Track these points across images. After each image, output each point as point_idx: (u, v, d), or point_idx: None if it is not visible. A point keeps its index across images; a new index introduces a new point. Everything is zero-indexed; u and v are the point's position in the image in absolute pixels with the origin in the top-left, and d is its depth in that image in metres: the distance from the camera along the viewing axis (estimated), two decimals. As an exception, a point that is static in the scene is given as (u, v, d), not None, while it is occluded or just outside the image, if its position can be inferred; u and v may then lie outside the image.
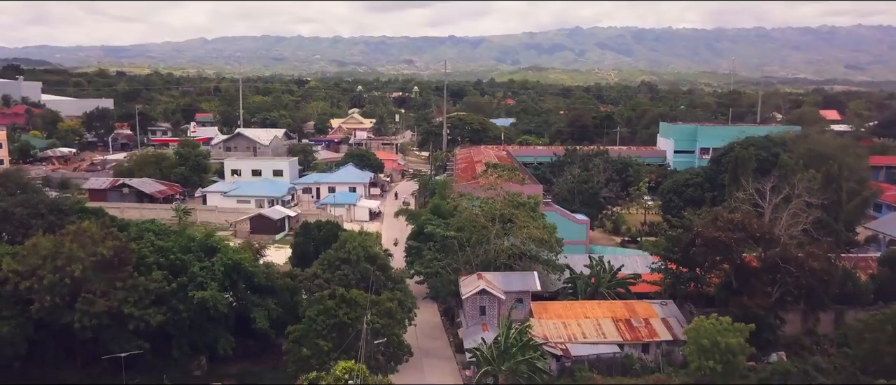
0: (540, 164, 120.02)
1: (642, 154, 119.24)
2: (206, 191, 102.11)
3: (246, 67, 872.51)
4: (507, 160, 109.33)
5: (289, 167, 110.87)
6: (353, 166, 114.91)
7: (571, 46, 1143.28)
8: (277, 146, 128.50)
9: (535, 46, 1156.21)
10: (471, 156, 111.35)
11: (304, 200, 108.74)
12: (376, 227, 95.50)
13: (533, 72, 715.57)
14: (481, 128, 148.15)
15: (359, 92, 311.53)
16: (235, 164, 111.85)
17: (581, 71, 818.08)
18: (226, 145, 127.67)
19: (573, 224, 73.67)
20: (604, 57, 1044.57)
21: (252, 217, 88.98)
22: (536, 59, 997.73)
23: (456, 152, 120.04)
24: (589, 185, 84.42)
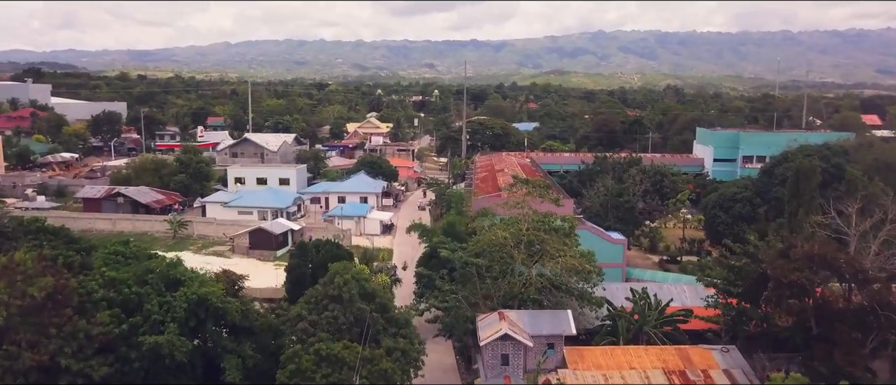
0: (566, 172, 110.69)
1: (678, 162, 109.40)
2: (204, 201, 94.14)
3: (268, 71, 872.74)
4: (531, 169, 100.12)
5: (296, 175, 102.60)
6: (364, 174, 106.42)
7: (594, 50, 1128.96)
8: (286, 152, 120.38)
9: (558, 50, 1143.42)
10: (492, 164, 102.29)
11: (313, 211, 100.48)
12: (388, 242, 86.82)
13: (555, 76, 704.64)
14: (503, 133, 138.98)
15: (377, 96, 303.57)
16: (239, 172, 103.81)
17: (604, 75, 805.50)
18: (232, 151, 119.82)
19: (608, 244, 64.34)
20: (627, 61, 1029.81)
21: (251, 231, 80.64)
22: (558, 62, 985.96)
23: (476, 159, 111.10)
24: (625, 198, 74.88)
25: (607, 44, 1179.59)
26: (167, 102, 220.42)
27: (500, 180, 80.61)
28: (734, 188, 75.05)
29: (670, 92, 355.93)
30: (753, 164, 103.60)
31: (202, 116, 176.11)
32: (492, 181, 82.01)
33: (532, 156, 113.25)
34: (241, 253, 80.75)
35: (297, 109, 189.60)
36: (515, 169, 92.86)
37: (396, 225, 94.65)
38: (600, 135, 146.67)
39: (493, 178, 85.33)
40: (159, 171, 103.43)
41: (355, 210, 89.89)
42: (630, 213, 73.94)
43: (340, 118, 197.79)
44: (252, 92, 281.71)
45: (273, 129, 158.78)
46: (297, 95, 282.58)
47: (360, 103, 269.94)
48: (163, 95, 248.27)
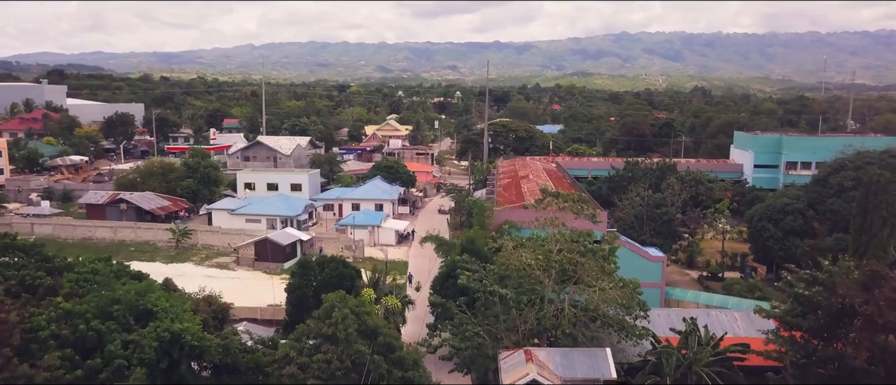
0: (595, 178, 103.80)
1: (714, 168, 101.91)
2: (211, 208, 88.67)
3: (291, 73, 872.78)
4: (558, 175, 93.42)
5: (309, 181, 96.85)
6: (380, 180, 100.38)
7: (618, 52, 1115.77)
8: (300, 156, 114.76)
9: (581, 52, 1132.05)
10: (515, 169, 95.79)
11: (326, 219, 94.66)
12: (404, 253, 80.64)
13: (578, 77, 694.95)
14: (527, 135, 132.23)
15: (398, 97, 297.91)
16: (248, 177, 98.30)
17: (628, 77, 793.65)
18: (244, 155, 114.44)
19: (646, 262, 57.53)
20: (651, 62, 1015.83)
21: (257, 241, 74.85)
22: (582, 64, 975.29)
23: (498, 164, 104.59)
24: (662, 209, 67.88)
25: (631, 45, 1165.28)
26: (185, 104, 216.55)
27: (525, 188, 74.14)
28: (784, 198, 67.69)
29: (698, 93, 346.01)
30: (798, 171, 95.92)
31: (218, 118, 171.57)
32: (516, 189, 75.47)
33: (558, 160, 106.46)
34: (246, 265, 75.07)
35: (316, 111, 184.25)
36: (540, 175, 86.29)
37: (413, 234, 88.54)
38: (629, 138, 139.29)
39: (516, 185, 78.79)
40: (166, 176, 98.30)
41: (369, 219, 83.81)
42: (668, 225, 66.97)
43: (359, 120, 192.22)
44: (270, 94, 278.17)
45: (290, 131, 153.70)
46: (317, 97, 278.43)
47: (381, 105, 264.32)
48: (181, 97, 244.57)
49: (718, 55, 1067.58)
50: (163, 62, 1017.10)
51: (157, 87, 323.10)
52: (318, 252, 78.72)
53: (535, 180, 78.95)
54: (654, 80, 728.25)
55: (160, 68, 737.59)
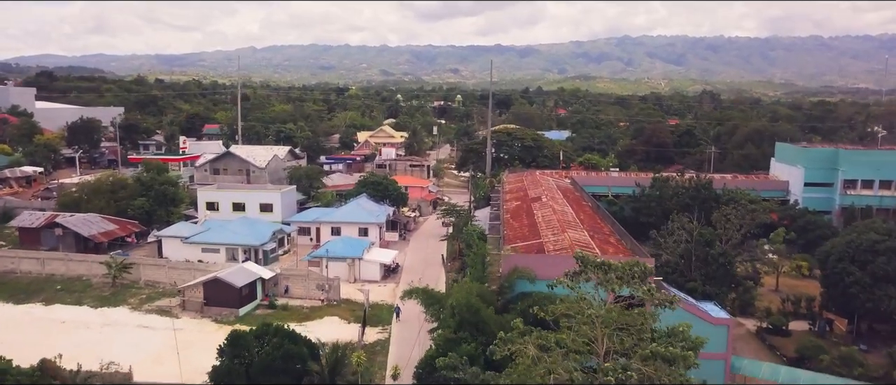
0: (615, 196, 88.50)
1: (755, 185, 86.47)
2: (160, 234, 73.21)
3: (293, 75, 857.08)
4: (575, 194, 78.04)
5: (281, 200, 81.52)
6: (366, 199, 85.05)
7: (620, 55, 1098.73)
8: (277, 169, 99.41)
9: (583, 55, 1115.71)
10: (524, 186, 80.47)
11: (302, 245, 79.43)
12: (390, 292, 65.31)
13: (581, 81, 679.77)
14: (534, 145, 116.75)
15: (396, 101, 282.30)
16: (211, 196, 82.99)
17: (630, 80, 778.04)
18: (213, 167, 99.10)
19: (707, 325, 42.15)
20: (653, 66, 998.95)
21: (206, 282, 59.51)
22: (584, 67, 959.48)
23: (503, 179, 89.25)
24: (718, 250, 52.40)
25: (633, 49, 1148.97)
26: (169, 107, 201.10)
27: (539, 216, 58.81)
28: (871, 233, 52.20)
29: (706, 97, 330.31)
30: (857, 190, 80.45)
31: (198, 124, 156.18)
32: (527, 217, 60.00)
33: (572, 175, 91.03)
34: (193, 310, 59.75)
35: (304, 116, 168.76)
36: (554, 196, 70.95)
37: (402, 266, 73.20)
38: (647, 148, 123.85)
39: (527, 210, 63.35)
40: (116, 194, 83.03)
41: (348, 249, 68.38)
42: (724, 269, 51.42)
43: (352, 126, 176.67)
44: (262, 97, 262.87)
45: (275, 138, 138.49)
46: (313, 100, 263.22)
47: (377, 109, 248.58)
48: (166, 100, 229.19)
49: (720, 59, 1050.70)
50: (164, 64, 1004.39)
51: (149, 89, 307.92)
52: (285, 292, 63.56)
53: (550, 203, 63.62)
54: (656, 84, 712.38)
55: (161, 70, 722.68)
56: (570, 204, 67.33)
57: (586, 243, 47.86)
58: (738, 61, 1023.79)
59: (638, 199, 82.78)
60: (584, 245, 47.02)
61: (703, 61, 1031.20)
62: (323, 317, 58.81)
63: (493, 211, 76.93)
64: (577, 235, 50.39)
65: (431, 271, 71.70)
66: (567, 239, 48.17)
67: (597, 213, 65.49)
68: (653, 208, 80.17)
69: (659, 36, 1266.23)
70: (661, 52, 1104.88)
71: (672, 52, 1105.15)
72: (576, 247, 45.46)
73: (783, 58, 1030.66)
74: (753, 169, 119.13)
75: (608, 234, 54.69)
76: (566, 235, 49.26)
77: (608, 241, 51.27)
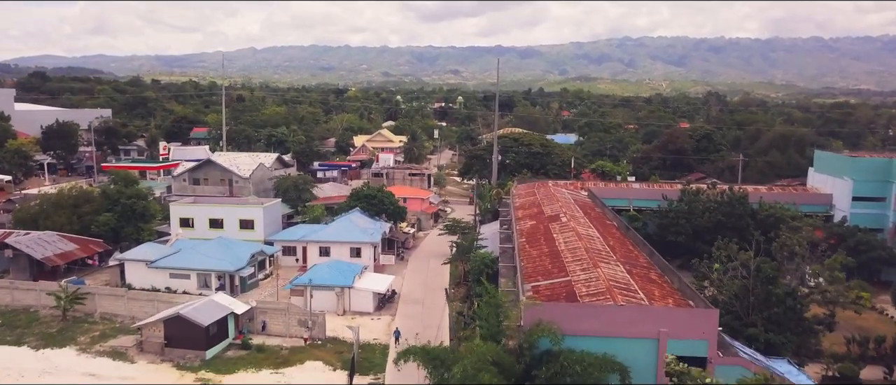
0: (638, 211, 78.87)
1: (795, 199, 76.78)
2: (123, 258, 63.57)
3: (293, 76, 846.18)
4: (595, 210, 68.47)
5: (264, 216, 71.87)
6: (360, 213, 75.44)
7: (620, 56, 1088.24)
8: (262, 178, 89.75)
9: (584, 56, 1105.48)
10: (537, 199, 70.84)
11: (287, 267, 69.91)
12: (385, 327, 55.75)
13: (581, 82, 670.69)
14: (543, 151, 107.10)
15: (396, 102, 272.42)
16: (185, 211, 73.31)
17: (631, 81, 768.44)
18: (193, 177, 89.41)
19: (786, 397, 32.72)
20: (654, 67, 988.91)
21: (167, 320, 49.96)
22: (585, 69, 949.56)
23: (513, 191, 79.61)
24: (782, 289, 42.75)
25: (634, 50, 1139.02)
26: (159, 109, 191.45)
27: (560, 241, 49.25)
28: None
29: (712, 99, 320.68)
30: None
31: (187, 127, 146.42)
32: (546, 243, 50.31)
33: (589, 187, 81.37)
34: (153, 352, 50.28)
35: (298, 119, 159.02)
36: (573, 212, 61.39)
37: (400, 294, 63.63)
38: (665, 154, 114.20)
39: (545, 232, 53.70)
40: (79, 208, 73.49)
41: (336, 277, 58.74)
42: (793, 312, 41.78)
43: (349, 129, 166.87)
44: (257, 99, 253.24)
45: (265, 143, 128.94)
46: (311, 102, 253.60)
47: (376, 111, 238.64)
48: (158, 102, 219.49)
49: (721, 60, 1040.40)
50: (164, 65, 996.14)
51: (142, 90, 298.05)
52: (262, 328, 54.02)
53: (571, 224, 54.00)
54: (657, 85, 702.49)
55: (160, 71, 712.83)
56: (594, 224, 57.75)
57: (625, 284, 38.30)
58: (739, 62, 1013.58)
59: (664, 214, 73.24)
60: (624, 286, 37.46)
61: (704, 62, 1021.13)
62: (304, 361, 49.30)
63: (504, 230, 67.24)
64: (611, 271, 40.83)
65: (433, 299, 62.24)
66: (601, 277, 38.61)
67: (626, 235, 55.88)
68: (682, 226, 70.68)
69: (659, 37, 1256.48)
70: (662, 54, 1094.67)
71: (673, 53, 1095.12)
72: (614, 290, 35.94)
73: (784, 59, 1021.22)
74: (778, 177, 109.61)
75: (647, 266, 45.09)
76: (599, 271, 39.70)
77: (649, 278, 41.68)
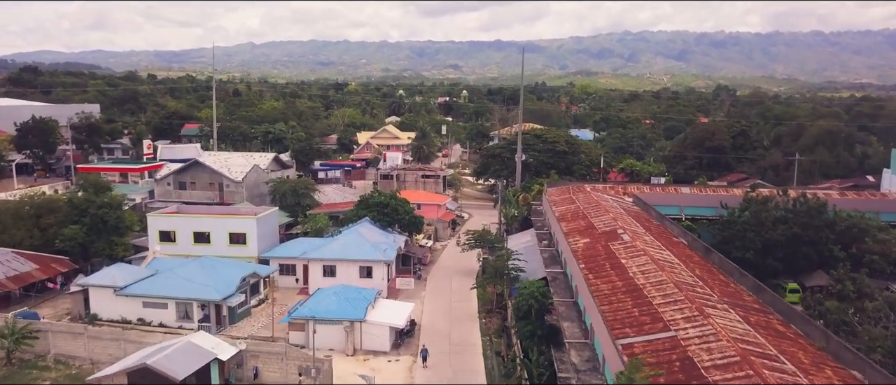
0: (692, 219, 67.64)
1: (871, 206, 65.57)
2: (86, 283, 52.13)
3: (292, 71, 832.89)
4: (645, 218, 57.24)
5: (257, 228, 60.41)
6: (369, 224, 64.06)
7: (620, 51, 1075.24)
8: (257, 182, 78.27)
9: (584, 51, 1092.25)
10: (578, 207, 59.53)
11: (284, 289, 58.68)
12: (406, 371, 44.48)
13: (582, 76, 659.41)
14: (569, 149, 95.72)
15: (399, 97, 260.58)
16: (165, 222, 61.79)
17: (631, 76, 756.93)
18: (178, 180, 77.89)
19: None
20: (654, 61, 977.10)
21: (132, 371, 38.72)
22: (585, 63, 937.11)
23: (547, 198, 68.35)
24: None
25: (634, 44, 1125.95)
26: (151, 104, 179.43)
27: (633, 269, 38.08)
28: None
29: (723, 93, 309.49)
30: None
31: (177, 123, 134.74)
32: (615, 271, 38.93)
33: (634, 192, 70.07)
34: (114, 411, 39.00)
35: (297, 114, 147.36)
36: (630, 225, 50.14)
37: (419, 323, 52.37)
38: (701, 152, 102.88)
39: (610, 257, 42.34)
40: (41, 219, 62.12)
41: (344, 308, 47.44)
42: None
43: (351, 125, 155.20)
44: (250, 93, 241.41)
45: (261, 140, 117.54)
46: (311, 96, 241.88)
47: (378, 106, 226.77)
48: (151, 96, 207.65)
49: (721, 54, 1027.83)
50: (162, 60, 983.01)
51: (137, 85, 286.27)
52: (253, 376, 42.89)
53: (639, 245, 42.77)
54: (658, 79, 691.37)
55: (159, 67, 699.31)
56: (661, 242, 46.57)
57: (756, 343, 27.08)
58: (740, 57, 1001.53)
59: (727, 225, 61.95)
60: (758, 350, 26.23)
61: (705, 57, 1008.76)
62: (307, 424, 38.19)
63: (546, 247, 55.87)
64: (725, 320, 29.64)
65: (462, 333, 50.98)
66: (719, 332, 27.38)
67: (708, 258, 44.66)
68: (750, 239, 59.35)
69: (660, 31, 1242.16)
70: (663, 48, 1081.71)
71: (673, 47, 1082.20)
72: (752, 358, 24.70)
73: (785, 53, 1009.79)
74: (825, 177, 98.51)
75: (761, 309, 33.83)
76: (712, 323, 28.47)
77: (775, 329, 30.43)
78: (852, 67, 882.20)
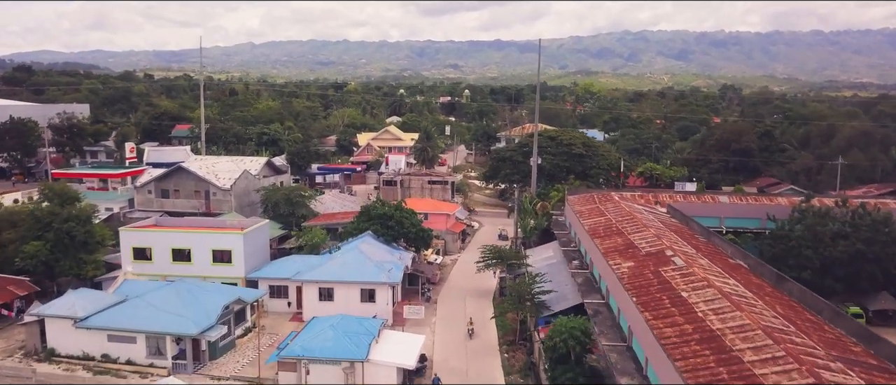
0: (734, 232, 60.14)
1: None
2: (43, 312, 44.41)
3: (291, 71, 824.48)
4: (686, 232, 49.64)
5: (244, 245, 52.68)
6: (371, 238, 56.40)
7: (620, 51, 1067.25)
8: (247, 190, 70.58)
9: (584, 50, 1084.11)
10: (609, 218, 51.87)
11: (275, 314, 51.08)
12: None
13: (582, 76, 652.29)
14: (586, 152, 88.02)
15: (400, 96, 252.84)
16: (140, 238, 54.07)
17: (631, 75, 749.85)
18: (160, 188, 70.20)
19: None
20: (654, 61, 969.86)
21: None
22: (584, 63, 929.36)
23: (571, 207, 60.75)
24: None
25: (633, 44, 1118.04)
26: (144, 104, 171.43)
27: (700, 307, 30.44)
28: None
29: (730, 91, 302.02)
30: None
31: (167, 125, 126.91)
32: (683, 313, 31.25)
33: (667, 202, 62.44)
34: None
35: (294, 114, 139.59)
36: (678, 243, 42.49)
37: (431, 357, 44.71)
38: (727, 155, 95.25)
39: (670, 292, 34.61)
40: (1, 235, 54.47)
41: (343, 345, 39.78)
42: None
43: (351, 126, 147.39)
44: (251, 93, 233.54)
45: (256, 142, 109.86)
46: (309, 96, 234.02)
47: (379, 106, 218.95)
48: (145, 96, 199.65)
49: (721, 54, 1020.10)
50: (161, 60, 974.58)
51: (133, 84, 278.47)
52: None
53: (700, 273, 35.14)
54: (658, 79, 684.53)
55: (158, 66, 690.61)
56: (718, 265, 38.97)
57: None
58: (740, 56, 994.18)
59: (776, 239, 54.35)
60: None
61: (705, 56, 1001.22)
62: None
63: (578, 268, 48.22)
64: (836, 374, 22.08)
65: (481, 370, 43.30)
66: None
67: (780, 288, 37.00)
68: (806, 257, 51.76)
69: (659, 31, 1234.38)
70: (662, 47, 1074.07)
71: (673, 47, 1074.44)
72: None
73: (785, 53, 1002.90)
74: (860, 181, 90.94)
75: (876, 364, 26.23)
76: None
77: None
78: (852, 67, 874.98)
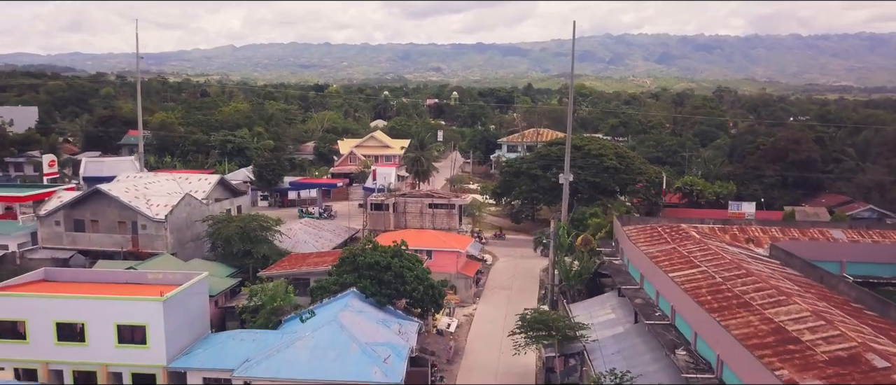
0: (863, 282, 42.36)
1: None
2: None
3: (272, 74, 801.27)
4: (829, 293, 31.97)
5: (164, 317, 34.16)
6: (357, 298, 38.19)
7: (602, 54, 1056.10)
8: (189, 221, 51.89)
9: (566, 54, 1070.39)
10: (706, 272, 34.11)
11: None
12: None
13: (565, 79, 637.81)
14: (621, 165, 70.42)
15: (384, 98, 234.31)
16: (9, 306, 35.38)
17: (614, 78, 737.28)
18: (73, 217, 51.46)
19: None
20: (635, 64, 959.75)
21: None
22: (567, 66, 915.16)
23: (635, 245, 42.95)
24: None
25: (615, 47, 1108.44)
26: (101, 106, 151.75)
27: None
28: None
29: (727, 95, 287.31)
30: None
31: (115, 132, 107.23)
32: None
33: (758, 234, 44.91)
34: None
35: (266, 118, 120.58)
36: (837, 317, 24.90)
37: None
38: (784, 168, 78.11)
39: None
40: None
41: None
42: None
43: (332, 131, 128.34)
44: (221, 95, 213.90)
45: (220, 151, 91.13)
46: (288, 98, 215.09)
47: (362, 108, 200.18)
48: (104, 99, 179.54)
49: (702, 57, 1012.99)
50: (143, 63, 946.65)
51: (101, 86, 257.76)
52: None
53: None
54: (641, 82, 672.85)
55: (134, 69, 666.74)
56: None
57: None
58: (721, 59, 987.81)
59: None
60: None
61: (686, 59, 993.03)
62: None
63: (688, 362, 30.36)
64: None
65: None
66: None
67: None
68: None
69: (641, 34, 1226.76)
70: (644, 51, 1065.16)
71: (654, 50, 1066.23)
72: None
73: (765, 56, 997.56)
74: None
75: None
76: None
77: None
78: (831, 70, 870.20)
